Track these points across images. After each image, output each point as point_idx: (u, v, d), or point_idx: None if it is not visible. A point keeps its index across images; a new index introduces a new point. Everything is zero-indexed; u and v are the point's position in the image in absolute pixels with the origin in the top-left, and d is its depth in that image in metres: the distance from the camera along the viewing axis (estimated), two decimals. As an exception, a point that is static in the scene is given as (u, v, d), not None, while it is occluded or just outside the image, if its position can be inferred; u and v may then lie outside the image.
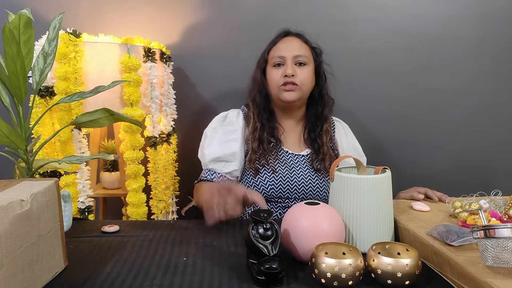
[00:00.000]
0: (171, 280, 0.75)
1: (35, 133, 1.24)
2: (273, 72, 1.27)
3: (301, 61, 1.26)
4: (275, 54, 1.27)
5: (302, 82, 1.26)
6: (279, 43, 1.30)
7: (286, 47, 1.28)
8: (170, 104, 1.48)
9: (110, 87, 0.98)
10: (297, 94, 1.25)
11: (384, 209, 0.89)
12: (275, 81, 1.26)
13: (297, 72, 1.25)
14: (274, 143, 1.28)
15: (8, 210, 0.64)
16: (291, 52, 1.26)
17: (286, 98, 1.25)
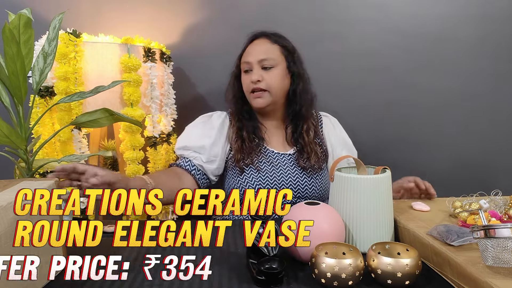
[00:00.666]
0: (171, 280, 0.75)
1: (35, 133, 1.24)
2: (243, 79, 1.28)
3: (266, 65, 1.24)
4: (244, 60, 1.28)
5: (270, 85, 1.23)
6: (247, 48, 1.29)
7: (252, 52, 1.26)
8: (170, 104, 1.48)
9: (110, 87, 0.99)
10: (266, 99, 1.25)
11: (384, 209, 0.89)
12: (245, 87, 1.27)
13: (264, 76, 1.23)
14: (257, 142, 1.27)
15: (8, 210, 0.64)
16: (256, 56, 1.25)
17: (255, 105, 1.26)
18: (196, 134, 1.29)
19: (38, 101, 1.25)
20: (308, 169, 1.25)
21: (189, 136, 1.29)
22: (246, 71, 1.27)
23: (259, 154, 1.26)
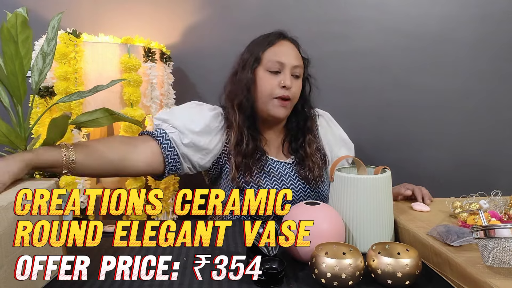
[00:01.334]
0: (171, 280, 0.75)
1: (35, 133, 1.24)
2: (267, 78, 1.11)
3: (297, 73, 1.13)
4: (273, 58, 1.11)
5: (295, 96, 1.14)
6: (276, 46, 1.14)
7: (286, 53, 1.12)
8: (170, 104, 1.48)
9: (109, 86, 0.98)
10: (288, 110, 1.15)
11: (384, 209, 0.89)
12: (269, 89, 1.11)
13: (293, 84, 1.12)
14: (258, 156, 1.14)
15: (8, 210, 0.64)
16: (291, 60, 1.12)
17: (277, 114, 1.12)
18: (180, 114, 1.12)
19: (37, 101, 1.25)
20: (311, 181, 1.16)
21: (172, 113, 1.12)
22: (274, 72, 1.12)
23: (259, 167, 1.13)
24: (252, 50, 1.16)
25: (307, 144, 1.18)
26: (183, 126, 1.08)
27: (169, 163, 1.05)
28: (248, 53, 1.17)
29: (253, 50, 1.16)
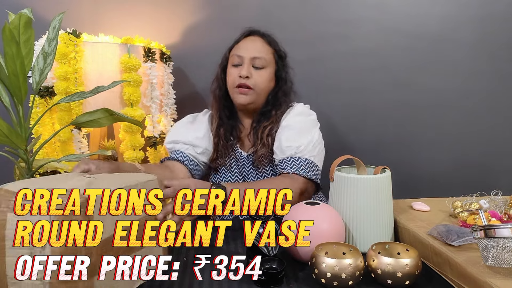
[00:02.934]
0: (171, 280, 0.75)
1: (35, 133, 1.24)
2: (230, 71, 1.24)
3: (258, 64, 1.22)
4: (235, 53, 1.24)
5: (256, 84, 1.21)
6: (240, 42, 1.26)
7: (246, 47, 1.24)
8: (170, 104, 1.48)
9: (110, 87, 0.99)
10: (250, 97, 1.22)
11: (384, 209, 0.89)
12: (231, 81, 1.23)
13: (253, 74, 1.21)
14: (231, 142, 1.26)
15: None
16: (250, 52, 1.22)
17: (239, 101, 1.23)
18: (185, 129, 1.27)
19: (38, 101, 1.25)
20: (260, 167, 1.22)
21: (178, 132, 1.27)
22: (235, 65, 1.24)
23: (231, 155, 1.26)
24: (226, 51, 1.31)
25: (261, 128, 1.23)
26: (192, 139, 1.24)
27: (195, 173, 1.25)
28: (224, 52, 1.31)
29: (226, 50, 1.31)
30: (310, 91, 1.64)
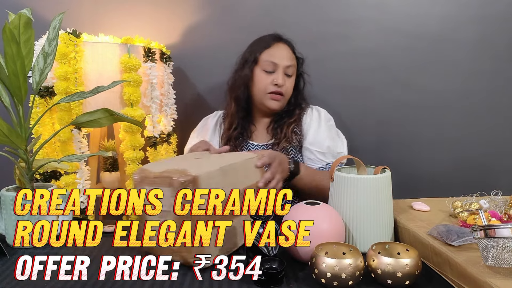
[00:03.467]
0: (171, 280, 0.75)
1: (35, 133, 1.24)
2: (262, 77, 1.29)
3: (289, 72, 1.30)
4: (268, 59, 1.28)
5: (287, 91, 1.31)
6: (272, 48, 1.30)
7: (279, 55, 1.29)
8: (170, 104, 1.48)
9: (110, 87, 0.98)
10: (281, 103, 1.31)
11: (384, 209, 0.89)
12: (263, 86, 1.28)
13: (285, 82, 1.29)
14: (240, 139, 1.33)
15: None
16: (284, 61, 1.29)
17: (272, 107, 1.30)
18: (196, 138, 1.36)
19: (38, 101, 1.25)
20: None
21: (191, 142, 1.36)
22: (268, 72, 1.29)
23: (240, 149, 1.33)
24: (251, 51, 1.33)
25: (286, 125, 1.31)
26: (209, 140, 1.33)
27: None
28: (248, 53, 1.34)
29: (252, 51, 1.33)
30: (310, 91, 1.64)
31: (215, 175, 0.83)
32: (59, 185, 1.26)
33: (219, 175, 0.84)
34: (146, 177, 0.83)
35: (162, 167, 0.84)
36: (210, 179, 0.81)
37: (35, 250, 0.91)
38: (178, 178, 0.78)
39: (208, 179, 0.81)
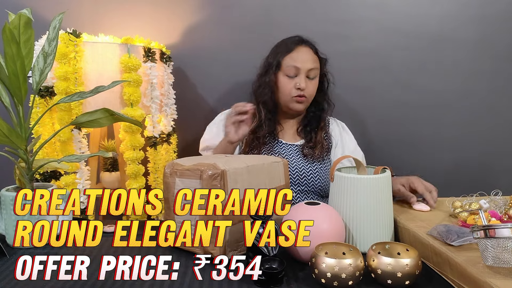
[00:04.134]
0: (171, 279, 0.75)
1: (35, 133, 1.24)
2: (285, 81, 1.32)
3: (312, 75, 1.32)
4: (290, 63, 1.30)
5: (311, 94, 1.34)
6: (294, 52, 1.32)
7: (301, 59, 1.31)
8: (170, 104, 1.48)
9: (110, 87, 0.98)
10: (305, 105, 1.35)
11: (384, 209, 0.89)
12: (287, 90, 1.32)
13: (308, 85, 1.31)
14: (268, 138, 1.35)
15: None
16: (306, 64, 1.30)
17: (297, 108, 1.34)
18: (214, 132, 1.38)
19: (38, 101, 1.25)
20: (311, 157, 1.32)
21: (208, 136, 1.38)
22: (290, 76, 1.31)
23: (268, 147, 1.34)
24: (275, 56, 1.35)
25: (319, 129, 1.37)
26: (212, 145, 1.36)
27: None
28: (272, 57, 1.36)
29: (275, 55, 1.35)
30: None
31: (242, 172, 0.87)
32: (59, 185, 1.26)
33: (245, 173, 0.88)
34: (177, 170, 0.88)
35: (193, 161, 0.89)
36: (237, 175, 0.85)
37: (35, 250, 0.91)
38: (207, 170, 0.82)
39: (235, 175, 0.85)
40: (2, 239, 0.95)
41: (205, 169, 0.83)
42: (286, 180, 1.01)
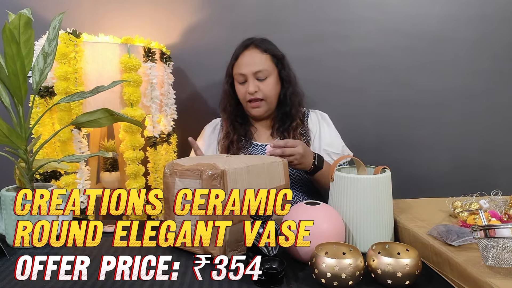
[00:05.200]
0: (171, 279, 0.75)
1: (35, 133, 1.24)
2: (239, 88, 1.33)
3: (261, 76, 1.29)
4: (237, 71, 1.31)
5: (267, 95, 1.30)
6: (239, 59, 1.32)
7: (246, 64, 1.30)
8: (170, 104, 1.48)
9: (110, 87, 0.98)
10: (263, 108, 1.32)
11: (384, 209, 0.89)
12: (242, 96, 1.33)
13: (260, 87, 1.29)
14: (243, 142, 1.36)
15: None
16: (251, 68, 1.29)
17: (253, 114, 1.34)
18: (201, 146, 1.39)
19: (38, 101, 1.25)
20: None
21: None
22: (241, 83, 1.32)
23: (245, 151, 1.35)
24: (228, 66, 1.37)
25: (292, 128, 1.33)
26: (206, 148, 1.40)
27: None
28: (227, 68, 1.38)
29: (228, 65, 1.37)
30: (310, 91, 1.64)
31: (242, 172, 0.87)
32: (59, 185, 1.26)
33: (245, 173, 0.88)
34: (177, 170, 0.88)
35: (193, 161, 0.89)
36: (237, 175, 0.85)
37: (35, 250, 0.91)
38: (207, 170, 0.83)
39: (235, 175, 0.85)
40: (2, 239, 0.95)
41: (205, 169, 0.83)
42: (286, 179, 1.01)
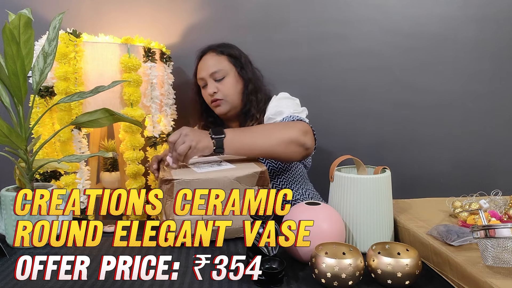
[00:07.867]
0: (171, 279, 0.75)
1: (35, 133, 1.24)
2: (203, 93, 1.37)
3: (218, 77, 1.32)
4: (198, 77, 1.36)
5: (225, 94, 1.32)
6: (198, 65, 1.37)
7: (203, 68, 1.34)
8: (170, 104, 1.48)
9: (110, 87, 0.98)
10: (225, 106, 1.33)
11: (384, 209, 0.89)
12: (206, 100, 1.37)
13: (219, 87, 1.32)
14: None
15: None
16: (207, 71, 1.32)
17: (217, 113, 1.37)
18: None
19: (38, 101, 1.25)
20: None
21: None
22: (203, 87, 1.36)
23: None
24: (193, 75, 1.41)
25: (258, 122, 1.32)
26: None
27: None
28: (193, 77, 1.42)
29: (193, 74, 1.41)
30: (310, 91, 1.64)
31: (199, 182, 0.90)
32: (59, 185, 1.26)
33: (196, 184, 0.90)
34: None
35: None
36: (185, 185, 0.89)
37: (35, 250, 0.91)
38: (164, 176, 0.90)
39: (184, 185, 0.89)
40: (2, 239, 0.95)
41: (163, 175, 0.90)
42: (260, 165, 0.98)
